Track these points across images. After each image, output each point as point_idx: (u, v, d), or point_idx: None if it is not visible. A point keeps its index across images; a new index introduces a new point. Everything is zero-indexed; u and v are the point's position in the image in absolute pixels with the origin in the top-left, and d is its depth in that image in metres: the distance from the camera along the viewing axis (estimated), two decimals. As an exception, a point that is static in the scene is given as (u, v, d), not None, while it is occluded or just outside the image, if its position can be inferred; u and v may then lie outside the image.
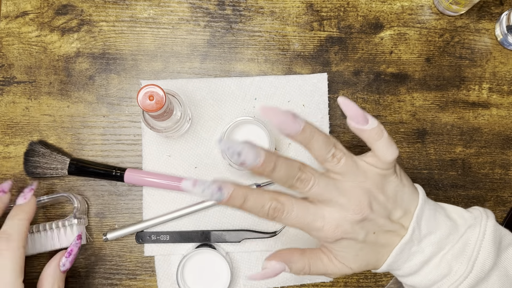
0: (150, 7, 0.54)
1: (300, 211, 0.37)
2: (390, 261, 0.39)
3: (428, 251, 0.39)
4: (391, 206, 0.39)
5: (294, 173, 0.37)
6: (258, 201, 0.36)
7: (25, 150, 0.52)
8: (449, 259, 0.39)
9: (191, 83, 0.53)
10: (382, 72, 0.54)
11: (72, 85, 0.53)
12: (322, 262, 0.41)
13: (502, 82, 0.54)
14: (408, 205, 0.40)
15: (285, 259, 0.40)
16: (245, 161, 0.34)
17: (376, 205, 0.38)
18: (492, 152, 0.54)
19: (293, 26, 0.54)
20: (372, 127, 0.38)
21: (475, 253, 0.38)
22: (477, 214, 0.40)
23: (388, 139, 0.38)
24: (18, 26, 0.53)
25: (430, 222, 0.39)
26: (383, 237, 0.39)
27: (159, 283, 0.51)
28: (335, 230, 0.37)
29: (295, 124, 0.36)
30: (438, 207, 0.41)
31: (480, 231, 0.39)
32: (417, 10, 0.54)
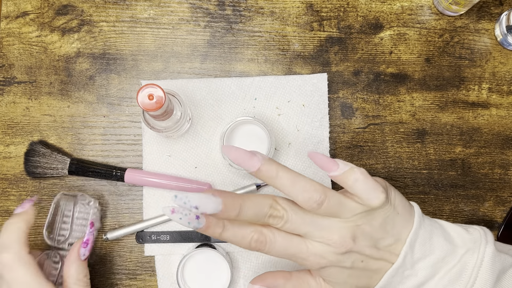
0: (150, 8, 0.54)
1: (283, 243, 0.37)
2: (382, 284, 0.38)
3: (421, 275, 0.38)
4: (379, 236, 0.38)
5: (264, 211, 0.36)
6: (238, 232, 0.36)
7: (25, 150, 0.52)
8: (445, 284, 0.38)
9: (191, 83, 0.53)
10: (382, 72, 0.54)
11: (72, 85, 0.53)
12: (309, 286, 0.40)
13: (501, 82, 0.54)
14: (400, 232, 0.38)
15: (268, 283, 0.39)
16: (206, 211, 0.34)
17: (360, 236, 0.37)
18: (492, 152, 0.54)
19: (293, 26, 0.54)
20: (343, 171, 0.37)
21: (472, 280, 0.37)
22: (477, 237, 0.39)
23: (368, 182, 0.37)
24: (19, 26, 0.53)
25: (425, 246, 0.38)
26: (373, 264, 0.38)
27: (159, 283, 0.52)
28: (320, 261, 0.37)
29: (251, 160, 0.36)
30: (435, 227, 0.39)
31: (478, 257, 0.37)
32: (417, 10, 0.55)
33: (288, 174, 0.36)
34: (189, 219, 0.34)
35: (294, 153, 0.52)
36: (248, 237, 0.36)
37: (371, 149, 0.53)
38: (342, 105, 0.54)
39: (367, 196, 0.37)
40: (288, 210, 0.36)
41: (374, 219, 0.37)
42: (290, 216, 0.36)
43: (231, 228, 0.36)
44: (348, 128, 0.54)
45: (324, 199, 0.36)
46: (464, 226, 0.40)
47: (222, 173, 0.52)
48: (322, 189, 0.36)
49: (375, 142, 0.53)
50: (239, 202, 0.35)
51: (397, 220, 0.38)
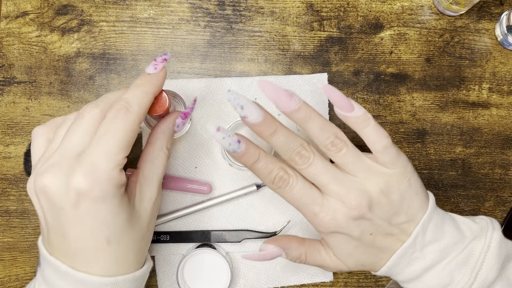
0: (150, 7, 0.54)
1: (302, 189, 0.38)
2: (390, 264, 0.39)
3: (429, 258, 0.38)
4: (394, 211, 0.38)
5: (294, 146, 0.37)
6: (268, 166, 0.38)
7: (25, 150, 0.52)
8: (452, 268, 0.38)
9: (191, 83, 0.53)
10: (382, 72, 0.54)
11: (72, 85, 0.53)
12: (319, 254, 0.41)
13: (502, 82, 0.54)
14: (415, 213, 0.39)
15: (283, 245, 0.40)
16: (247, 115, 0.36)
17: (376, 206, 0.37)
18: (492, 152, 0.54)
19: (293, 26, 0.54)
20: (357, 115, 0.38)
21: (479, 264, 0.37)
22: (484, 225, 0.39)
23: (376, 128, 0.38)
24: (18, 26, 0.53)
25: (436, 230, 0.39)
26: (382, 240, 0.38)
27: (159, 283, 0.51)
28: (329, 222, 0.37)
29: (290, 101, 0.37)
30: (447, 217, 0.40)
31: (485, 242, 0.38)
32: (417, 10, 0.55)
33: (320, 118, 0.38)
34: (231, 140, 0.37)
35: (294, 153, 0.52)
36: (275, 173, 0.38)
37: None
38: (342, 105, 0.54)
39: (373, 140, 0.38)
40: (316, 154, 0.38)
41: (392, 192, 0.38)
42: (316, 160, 0.37)
43: (264, 160, 0.38)
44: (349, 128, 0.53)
45: (344, 146, 0.38)
46: (471, 218, 0.41)
47: (222, 173, 0.52)
48: (345, 138, 0.39)
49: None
50: (277, 124, 0.37)
51: (415, 200, 0.39)
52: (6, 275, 0.52)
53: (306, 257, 0.41)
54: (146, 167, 0.39)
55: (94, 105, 0.36)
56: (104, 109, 0.35)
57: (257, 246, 0.52)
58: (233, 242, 0.51)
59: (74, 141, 0.34)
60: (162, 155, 0.39)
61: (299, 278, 0.52)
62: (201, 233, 0.51)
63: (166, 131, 0.40)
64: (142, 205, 0.37)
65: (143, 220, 0.37)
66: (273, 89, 0.37)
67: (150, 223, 0.39)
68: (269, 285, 0.52)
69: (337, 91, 0.38)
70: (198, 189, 0.51)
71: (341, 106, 0.38)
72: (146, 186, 0.38)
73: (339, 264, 0.40)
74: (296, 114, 0.37)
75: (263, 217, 0.52)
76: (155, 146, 0.39)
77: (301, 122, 0.38)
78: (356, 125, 0.38)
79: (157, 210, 0.40)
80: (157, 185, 0.39)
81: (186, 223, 0.52)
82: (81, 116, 0.35)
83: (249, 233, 0.51)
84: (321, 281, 0.52)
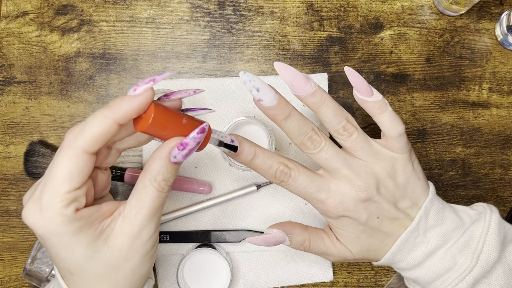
0: (150, 7, 0.54)
1: (306, 180, 0.38)
2: (394, 250, 0.39)
3: (433, 243, 0.39)
4: (399, 194, 0.39)
5: (306, 130, 0.37)
6: (266, 161, 0.38)
7: (25, 150, 0.52)
8: (453, 252, 0.39)
9: (191, 83, 0.53)
10: (382, 72, 0.54)
11: (72, 85, 0.53)
12: (323, 241, 0.41)
13: (502, 82, 0.54)
14: (418, 198, 0.40)
15: (286, 230, 0.40)
16: (262, 98, 0.36)
17: (383, 189, 0.38)
18: (492, 152, 0.54)
19: (293, 26, 0.54)
20: (375, 100, 0.38)
21: (480, 247, 0.38)
22: (481, 210, 0.41)
23: (392, 114, 0.39)
24: (18, 26, 0.53)
25: (438, 215, 0.40)
26: (387, 224, 0.39)
27: (159, 283, 0.51)
28: (338, 206, 0.38)
29: (306, 85, 0.37)
30: (446, 204, 0.41)
31: (484, 225, 0.39)
32: (417, 10, 0.55)
33: (333, 103, 0.38)
34: (225, 139, 0.36)
35: (294, 153, 0.52)
36: (275, 167, 0.38)
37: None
38: (342, 105, 0.53)
39: (389, 126, 0.38)
40: (327, 140, 0.38)
41: (398, 176, 0.39)
42: (327, 145, 0.38)
43: (261, 156, 0.38)
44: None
45: (355, 131, 0.38)
46: (469, 206, 0.42)
47: (222, 173, 0.52)
48: (355, 123, 0.39)
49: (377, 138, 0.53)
50: (290, 108, 0.37)
51: (418, 185, 0.40)
52: (6, 275, 0.52)
53: (309, 244, 0.41)
54: (132, 199, 0.34)
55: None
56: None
57: (257, 246, 0.52)
58: (233, 242, 0.51)
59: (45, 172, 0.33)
60: (151, 188, 0.33)
61: (299, 278, 0.52)
62: (201, 233, 0.51)
63: (158, 161, 0.33)
64: (118, 241, 0.33)
65: (116, 256, 0.33)
66: (290, 72, 0.37)
67: (131, 260, 0.34)
68: (269, 285, 0.52)
69: (358, 75, 0.38)
70: (198, 189, 0.51)
71: (361, 90, 0.38)
72: (126, 221, 0.33)
73: (343, 251, 0.41)
74: (311, 98, 0.37)
75: (263, 217, 0.52)
76: (144, 176, 0.34)
77: (315, 106, 0.38)
78: (373, 110, 0.39)
79: (145, 249, 0.35)
80: (142, 222, 0.34)
81: (186, 223, 0.52)
82: None
83: (249, 233, 0.51)
84: (321, 281, 0.52)
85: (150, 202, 0.34)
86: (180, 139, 0.33)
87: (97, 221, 0.33)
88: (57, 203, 0.31)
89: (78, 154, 0.31)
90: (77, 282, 0.34)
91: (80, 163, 0.31)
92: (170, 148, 0.33)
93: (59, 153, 0.32)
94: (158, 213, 0.35)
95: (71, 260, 0.33)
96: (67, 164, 0.31)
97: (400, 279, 0.51)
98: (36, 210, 0.31)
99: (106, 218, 0.34)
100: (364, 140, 0.38)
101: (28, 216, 0.32)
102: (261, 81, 0.36)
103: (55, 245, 0.32)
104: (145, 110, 0.32)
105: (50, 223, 0.31)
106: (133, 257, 0.34)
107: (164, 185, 0.34)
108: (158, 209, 0.34)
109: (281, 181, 0.38)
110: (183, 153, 0.33)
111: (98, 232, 0.33)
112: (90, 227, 0.32)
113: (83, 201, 0.32)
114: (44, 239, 0.32)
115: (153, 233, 0.35)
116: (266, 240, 0.40)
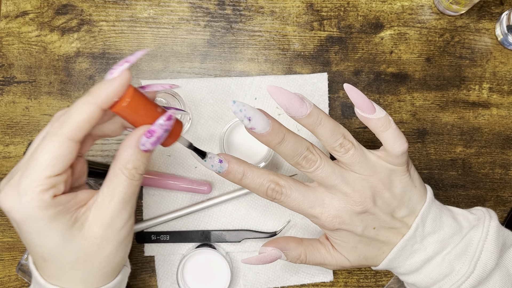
0: (150, 7, 0.54)
1: (298, 196, 0.38)
2: (391, 257, 0.39)
3: (430, 250, 0.39)
4: (396, 204, 0.39)
5: (301, 150, 0.37)
6: (256, 180, 0.37)
7: (25, 150, 0.52)
8: (451, 258, 0.39)
9: (191, 83, 0.53)
10: (382, 72, 0.54)
11: (72, 85, 0.53)
12: (319, 252, 0.41)
13: (502, 82, 0.54)
14: (415, 206, 0.39)
15: (281, 246, 0.40)
16: (255, 127, 0.35)
17: (379, 200, 0.38)
18: (492, 152, 0.54)
19: (293, 26, 0.54)
20: (378, 117, 0.37)
21: (478, 253, 0.38)
22: (480, 215, 0.40)
23: (396, 131, 0.37)
24: (18, 26, 0.53)
25: (435, 222, 0.39)
26: (384, 234, 0.39)
27: (159, 283, 0.51)
28: (333, 220, 0.38)
29: (301, 107, 0.36)
30: (444, 208, 0.41)
31: (483, 231, 0.39)
32: (417, 10, 0.54)
33: (329, 121, 0.37)
34: (213, 162, 0.36)
35: (294, 153, 0.52)
36: (265, 186, 0.37)
37: (371, 149, 0.53)
38: (342, 105, 0.54)
39: (393, 144, 0.37)
40: (322, 157, 0.37)
41: (394, 186, 0.38)
42: (323, 163, 0.37)
43: (250, 176, 0.37)
44: (349, 128, 0.53)
45: (352, 147, 0.37)
46: (468, 210, 0.42)
47: (222, 173, 0.52)
48: (352, 139, 0.38)
49: (375, 142, 0.53)
50: (284, 132, 0.36)
51: (414, 193, 0.39)
52: (6, 275, 0.52)
53: (306, 257, 0.41)
54: (105, 187, 0.34)
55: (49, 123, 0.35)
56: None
57: (257, 246, 0.52)
58: (233, 242, 0.51)
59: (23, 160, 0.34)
60: (122, 177, 0.34)
61: (299, 278, 0.52)
62: (201, 233, 0.51)
63: (128, 149, 0.33)
64: (92, 229, 0.34)
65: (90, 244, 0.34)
66: (284, 95, 0.36)
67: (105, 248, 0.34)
68: (269, 285, 0.52)
69: (358, 91, 0.37)
70: (198, 189, 0.51)
71: (362, 107, 0.37)
72: (99, 209, 0.34)
73: (340, 260, 0.41)
74: (306, 119, 0.36)
75: (263, 217, 0.52)
76: (115, 165, 0.34)
77: (311, 127, 0.37)
78: (376, 128, 0.37)
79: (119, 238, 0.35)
80: (114, 210, 0.34)
81: (186, 223, 0.52)
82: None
83: (249, 233, 0.51)
84: (321, 281, 0.52)
85: (122, 190, 0.34)
86: (148, 126, 0.33)
87: (73, 208, 0.34)
88: (36, 187, 0.31)
89: (63, 140, 0.31)
90: (51, 270, 0.35)
91: (64, 149, 0.32)
92: (138, 135, 0.33)
93: (43, 140, 0.32)
94: (131, 201, 0.35)
95: (46, 247, 0.33)
96: (52, 150, 0.31)
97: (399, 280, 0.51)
98: (13, 194, 0.32)
99: (82, 206, 0.34)
100: (361, 155, 0.38)
101: (5, 200, 0.32)
102: (253, 109, 0.35)
103: (30, 230, 0.32)
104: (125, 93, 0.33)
105: (26, 206, 0.31)
106: (107, 245, 0.35)
107: (134, 173, 0.34)
108: (130, 197, 0.35)
109: (273, 199, 0.38)
110: (151, 140, 0.33)
111: (74, 220, 0.33)
112: (66, 214, 0.33)
113: (61, 188, 0.33)
114: (19, 223, 0.32)
115: (127, 221, 0.35)
116: (261, 259, 0.40)
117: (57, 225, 0.32)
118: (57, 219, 0.32)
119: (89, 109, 0.32)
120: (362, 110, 0.37)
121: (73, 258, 0.34)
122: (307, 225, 0.52)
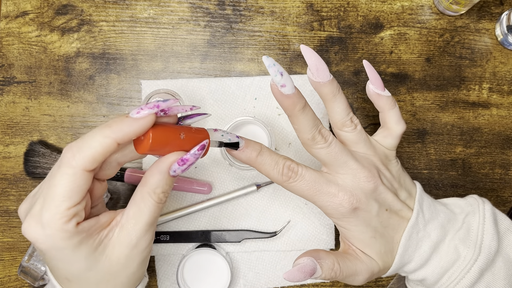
0: (150, 7, 0.54)
1: (313, 176, 0.38)
2: (401, 251, 0.39)
3: (434, 235, 0.39)
4: (397, 185, 0.40)
5: (317, 123, 0.38)
6: (273, 158, 0.38)
7: (25, 150, 0.52)
8: (456, 244, 0.39)
9: (191, 83, 0.53)
10: (382, 72, 0.54)
11: (72, 85, 0.53)
12: (348, 259, 0.39)
13: (502, 82, 0.54)
14: (410, 188, 0.41)
15: (313, 255, 0.39)
16: (285, 84, 0.35)
17: (384, 179, 0.39)
18: (492, 152, 0.54)
19: (293, 26, 0.54)
20: (387, 95, 0.40)
21: (480, 237, 0.39)
22: (473, 201, 0.42)
23: (399, 112, 0.41)
24: (18, 26, 0.53)
25: (430, 209, 0.41)
26: (394, 218, 0.39)
27: (159, 283, 0.51)
28: (350, 198, 0.38)
29: (327, 72, 0.37)
30: (434, 199, 0.43)
31: (479, 216, 0.40)
32: (417, 10, 0.54)
33: (344, 98, 0.39)
34: (231, 136, 0.37)
35: (294, 153, 0.52)
36: (281, 164, 0.38)
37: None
38: (342, 105, 0.54)
39: (397, 122, 0.41)
40: (331, 134, 0.38)
41: (391, 168, 0.41)
42: (334, 141, 0.38)
43: (266, 153, 0.38)
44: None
45: (358, 123, 0.40)
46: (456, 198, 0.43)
47: (222, 173, 0.52)
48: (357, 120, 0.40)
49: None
50: (304, 101, 0.37)
51: (406, 177, 0.42)
52: (6, 275, 0.52)
53: (339, 265, 0.38)
54: (131, 210, 0.35)
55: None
56: None
57: (257, 246, 0.52)
58: (233, 242, 0.51)
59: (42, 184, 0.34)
60: (150, 201, 0.35)
61: (299, 278, 0.52)
62: (201, 233, 0.51)
63: (157, 175, 0.34)
64: (116, 250, 0.34)
65: (115, 264, 0.35)
66: (316, 56, 0.37)
67: (129, 267, 0.36)
68: (269, 285, 0.52)
69: (374, 70, 0.40)
70: (198, 189, 0.51)
71: (376, 84, 0.40)
72: (125, 231, 0.35)
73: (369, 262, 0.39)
74: (329, 85, 0.37)
75: (263, 217, 0.52)
76: (143, 188, 0.35)
77: (330, 95, 0.38)
78: (385, 105, 0.40)
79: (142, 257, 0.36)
80: (140, 232, 0.35)
81: (186, 223, 0.52)
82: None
83: (249, 233, 0.51)
84: (321, 281, 0.52)
85: (149, 214, 0.35)
86: (180, 154, 0.34)
87: (96, 232, 0.34)
88: (58, 220, 0.32)
89: (78, 172, 0.32)
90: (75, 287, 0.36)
91: (79, 181, 0.32)
92: (169, 163, 0.34)
93: (58, 170, 0.32)
94: (155, 223, 0.36)
95: (70, 271, 0.34)
96: (67, 182, 0.32)
97: (400, 280, 0.51)
98: (37, 226, 0.32)
99: (104, 228, 0.35)
100: (365, 134, 0.40)
101: (30, 232, 0.32)
102: (282, 68, 0.35)
103: (55, 257, 0.33)
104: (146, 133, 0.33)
105: (52, 239, 0.32)
106: (131, 265, 0.36)
107: (162, 196, 0.35)
108: (155, 220, 0.36)
109: (288, 178, 0.37)
110: (183, 167, 0.34)
111: (97, 243, 0.34)
112: (89, 239, 0.34)
113: (82, 215, 0.33)
114: (44, 252, 0.33)
115: (150, 241, 0.36)
116: (301, 269, 0.37)
117: (81, 251, 0.33)
118: (81, 246, 0.33)
119: (105, 143, 0.32)
120: (376, 87, 0.40)
121: (98, 278, 0.35)
122: (307, 226, 0.52)
